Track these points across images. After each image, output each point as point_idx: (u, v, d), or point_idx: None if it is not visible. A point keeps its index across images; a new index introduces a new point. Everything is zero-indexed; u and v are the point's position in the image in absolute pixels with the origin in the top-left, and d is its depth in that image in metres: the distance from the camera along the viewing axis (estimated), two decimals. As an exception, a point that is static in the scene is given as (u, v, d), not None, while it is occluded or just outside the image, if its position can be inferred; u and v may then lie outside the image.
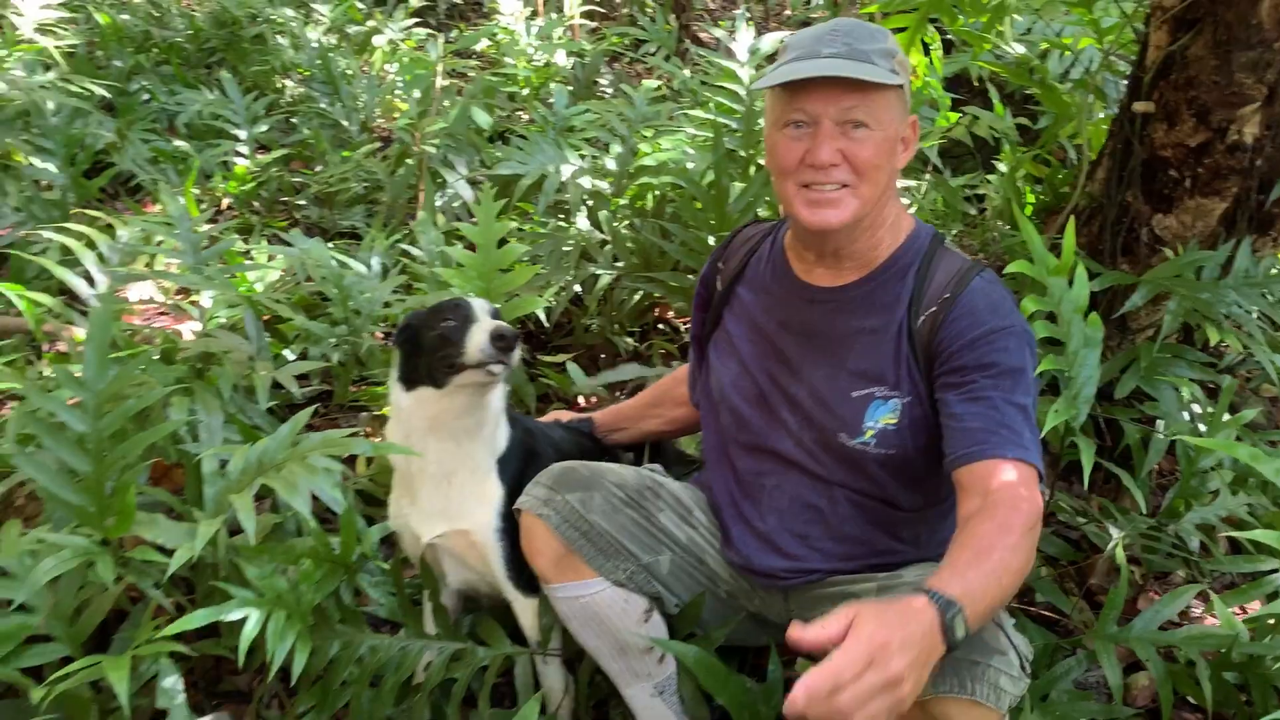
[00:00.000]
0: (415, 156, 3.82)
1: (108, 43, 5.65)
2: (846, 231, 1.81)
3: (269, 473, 1.87)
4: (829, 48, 1.71)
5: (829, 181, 1.75)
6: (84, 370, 2.01)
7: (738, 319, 2.05)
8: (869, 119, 1.72)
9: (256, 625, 1.82)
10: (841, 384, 1.85)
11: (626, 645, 1.99)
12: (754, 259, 2.08)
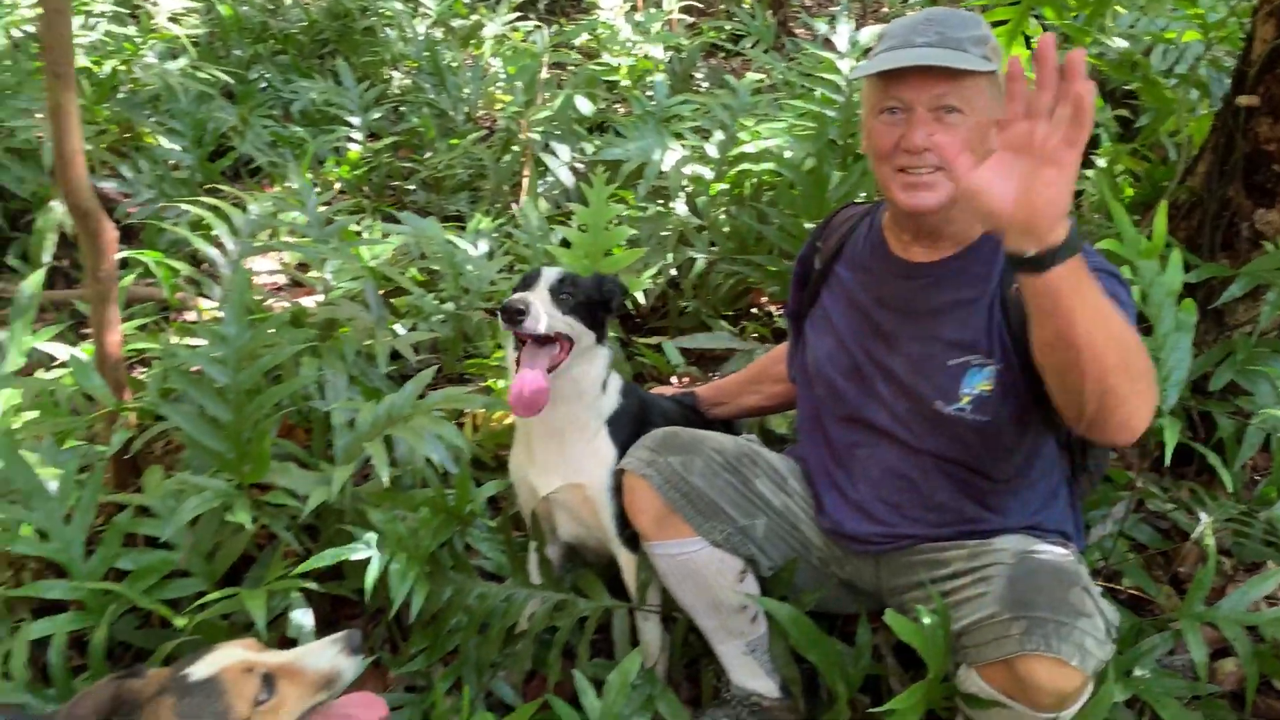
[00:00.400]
0: (520, 144, 3.96)
1: (228, 33, 5.94)
2: (942, 212, 1.88)
3: (397, 425, 2.01)
4: (922, 36, 1.79)
5: (923, 165, 1.83)
6: (225, 327, 2.18)
7: (835, 296, 2.14)
8: (961, 104, 1.79)
9: (380, 566, 1.97)
10: (937, 354, 1.92)
11: (721, 603, 2.09)
12: (852, 238, 2.16)
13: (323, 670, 1.51)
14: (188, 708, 1.42)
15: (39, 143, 3.74)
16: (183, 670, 1.46)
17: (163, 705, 1.42)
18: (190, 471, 2.24)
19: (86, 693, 1.42)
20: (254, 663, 1.47)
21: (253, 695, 1.44)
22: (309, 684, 1.50)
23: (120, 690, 1.43)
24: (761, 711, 2.14)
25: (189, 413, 2.19)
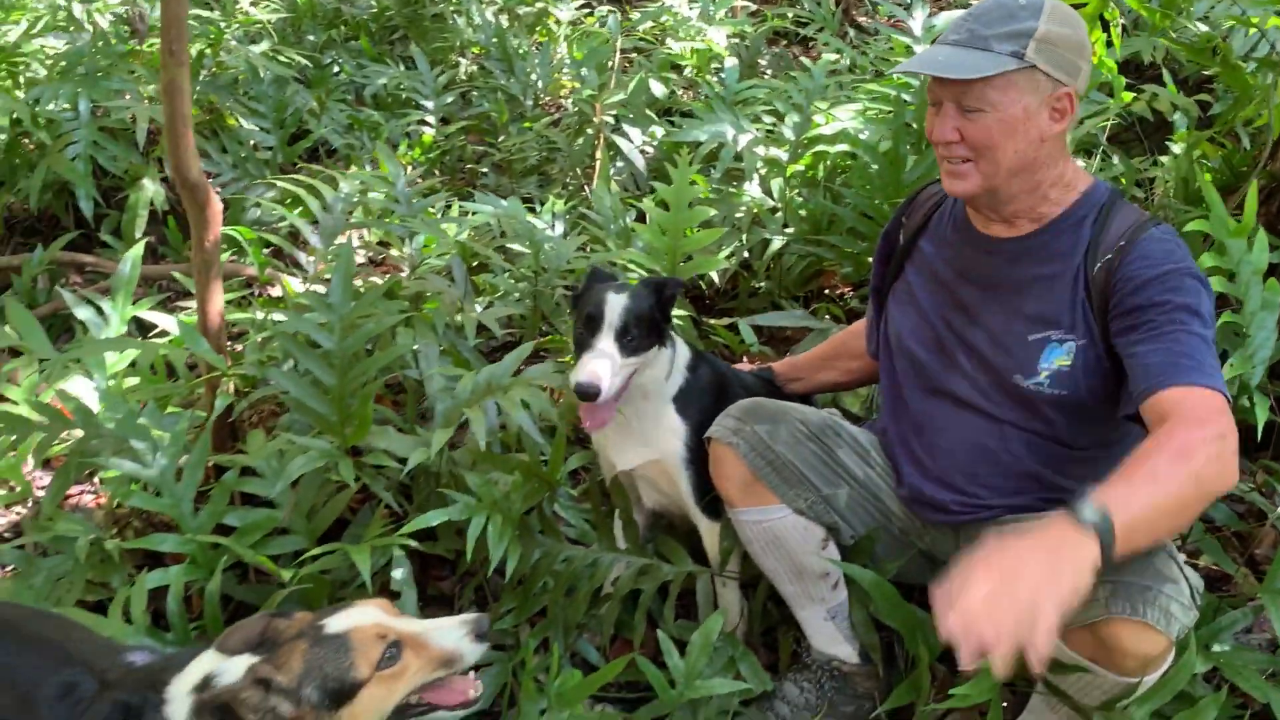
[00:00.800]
0: (594, 127, 4.03)
1: (302, 19, 6.06)
2: (984, 197, 1.94)
3: (496, 393, 2.10)
4: (954, 34, 1.86)
5: (953, 156, 1.90)
6: (330, 296, 2.28)
7: (918, 270, 2.19)
8: (983, 104, 1.83)
9: (479, 526, 2.05)
10: (1017, 328, 1.96)
11: (804, 569, 2.15)
12: (937, 214, 2.20)
13: (447, 649, 1.57)
14: (315, 656, 1.50)
15: (131, 123, 3.87)
16: (321, 620, 1.54)
17: (296, 648, 1.51)
18: (290, 435, 2.33)
19: (240, 625, 1.52)
20: (386, 629, 1.54)
21: (377, 658, 1.51)
22: (431, 659, 1.57)
23: (268, 627, 1.53)
24: (841, 676, 2.20)
25: (295, 377, 2.28)
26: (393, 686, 1.54)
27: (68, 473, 2.31)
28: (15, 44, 4.46)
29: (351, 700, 1.50)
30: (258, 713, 1.47)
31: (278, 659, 1.51)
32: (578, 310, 2.20)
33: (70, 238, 3.82)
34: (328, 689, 1.49)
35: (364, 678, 1.51)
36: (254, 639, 1.53)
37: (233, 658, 1.52)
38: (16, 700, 1.60)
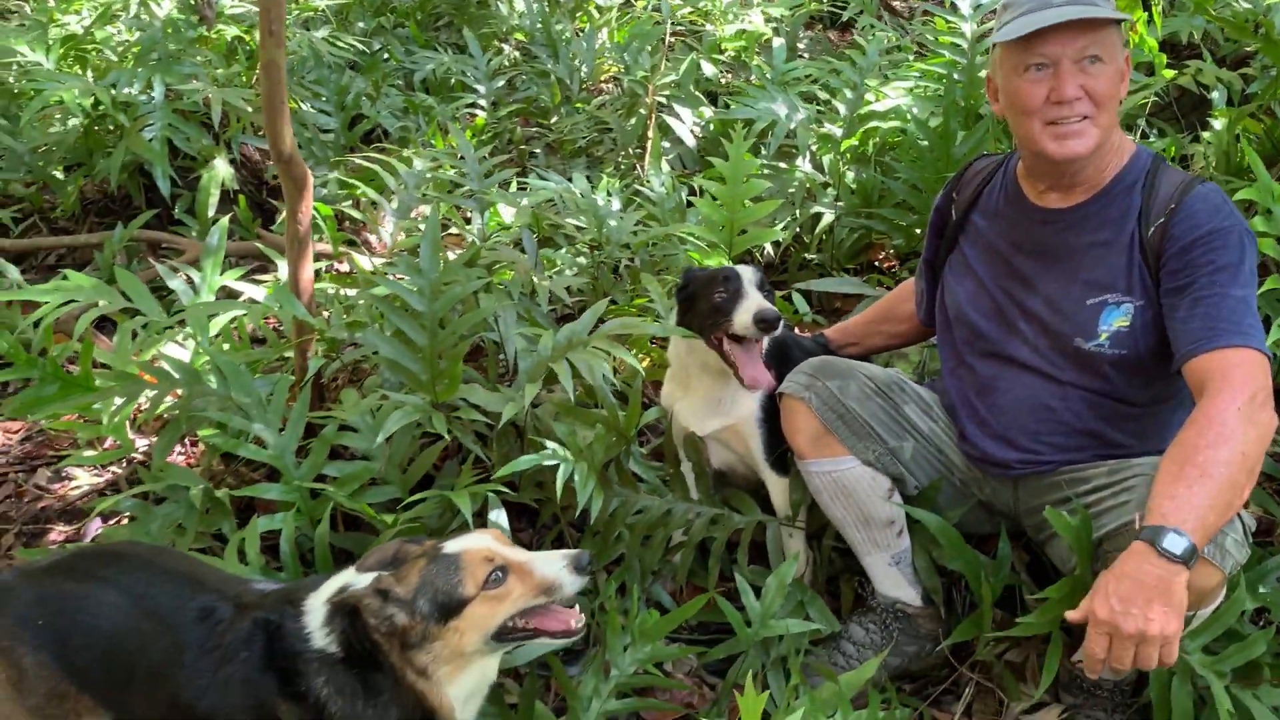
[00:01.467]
0: (646, 107, 4.16)
1: (351, 6, 6.21)
2: (1090, 158, 2.03)
3: (577, 349, 2.24)
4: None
5: (1073, 115, 1.98)
6: (421, 261, 2.42)
7: (973, 243, 2.30)
8: (1102, 53, 1.94)
9: (566, 472, 2.19)
10: (1075, 294, 2.08)
11: (871, 517, 2.28)
12: (987, 188, 2.32)
13: (548, 577, 1.69)
14: (430, 572, 1.66)
15: (204, 105, 4.03)
16: (442, 542, 1.69)
17: (417, 565, 1.66)
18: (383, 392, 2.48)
19: (376, 548, 1.69)
20: (494, 554, 1.68)
21: (483, 579, 1.65)
22: (533, 585, 1.68)
23: (400, 549, 1.69)
24: (905, 618, 2.33)
25: (386, 339, 2.43)
26: (496, 607, 1.66)
27: (177, 427, 2.47)
28: (86, 31, 4.64)
29: (458, 615, 1.64)
30: (377, 618, 1.63)
31: (399, 574, 1.66)
32: (699, 293, 2.32)
33: (147, 217, 3.99)
34: (437, 602, 1.63)
35: (470, 595, 1.64)
36: (387, 559, 1.68)
37: (366, 574, 1.67)
38: (158, 626, 1.75)
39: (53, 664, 1.80)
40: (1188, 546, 1.63)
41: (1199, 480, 1.69)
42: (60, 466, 2.98)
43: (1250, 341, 1.85)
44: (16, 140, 4.23)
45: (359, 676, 1.68)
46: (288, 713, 1.66)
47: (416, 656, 1.66)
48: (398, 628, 1.64)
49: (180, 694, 1.69)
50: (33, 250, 3.99)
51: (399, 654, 1.66)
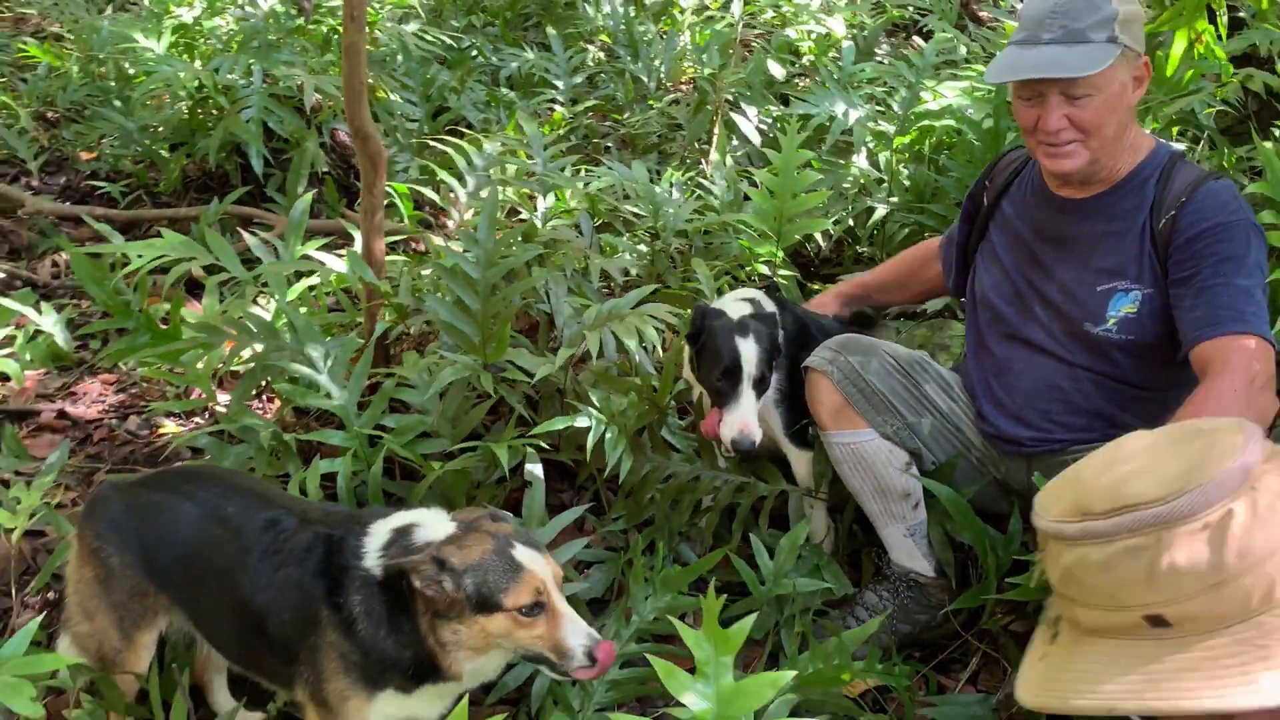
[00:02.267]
0: (713, 104, 4.31)
1: (444, 4, 6.49)
2: (1085, 171, 2.15)
3: (614, 320, 2.40)
4: (1048, 32, 2.04)
5: (1060, 141, 2.11)
6: (478, 232, 2.62)
7: (1001, 230, 2.42)
8: (1090, 89, 2.05)
9: (598, 432, 2.36)
10: (1088, 280, 2.18)
11: (888, 488, 2.40)
12: (1018, 179, 2.43)
13: (566, 644, 1.73)
14: (490, 564, 1.73)
15: (298, 91, 4.31)
16: (515, 542, 1.76)
17: (482, 542, 1.75)
18: (440, 352, 2.68)
19: (470, 509, 1.86)
20: (545, 591, 1.74)
21: (522, 604, 1.71)
22: (552, 639, 1.74)
23: (478, 518, 1.82)
24: (917, 587, 2.44)
25: (445, 304, 2.63)
26: (514, 630, 1.74)
27: (253, 377, 2.71)
28: (195, 21, 4.97)
29: (487, 615, 1.73)
30: (424, 580, 1.73)
31: (464, 542, 1.76)
32: (705, 355, 2.43)
33: (240, 193, 4.28)
34: (480, 593, 1.71)
35: (505, 607, 1.71)
36: (466, 521, 1.81)
37: (437, 519, 1.83)
38: (230, 533, 1.97)
39: (136, 565, 2.03)
40: None
41: None
42: (149, 413, 3.26)
43: (1251, 328, 1.94)
44: (128, 120, 4.57)
45: (388, 609, 1.80)
46: (326, 619, 1.85)
47: (443, 628, 1.76)
48: (439, 597, 1.72)
49: (241, 590, 1.90)
50: (137, 221, 4.30)
51: (429, 618, 1.76)
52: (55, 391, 3.47)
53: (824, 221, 3.23)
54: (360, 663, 1.84)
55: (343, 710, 1.86)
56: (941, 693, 2.35)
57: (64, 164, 4.97)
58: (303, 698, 1.91)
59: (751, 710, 1.27)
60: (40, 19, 6.58)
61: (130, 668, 2.08)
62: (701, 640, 1.33)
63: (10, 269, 4.05)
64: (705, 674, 1.30)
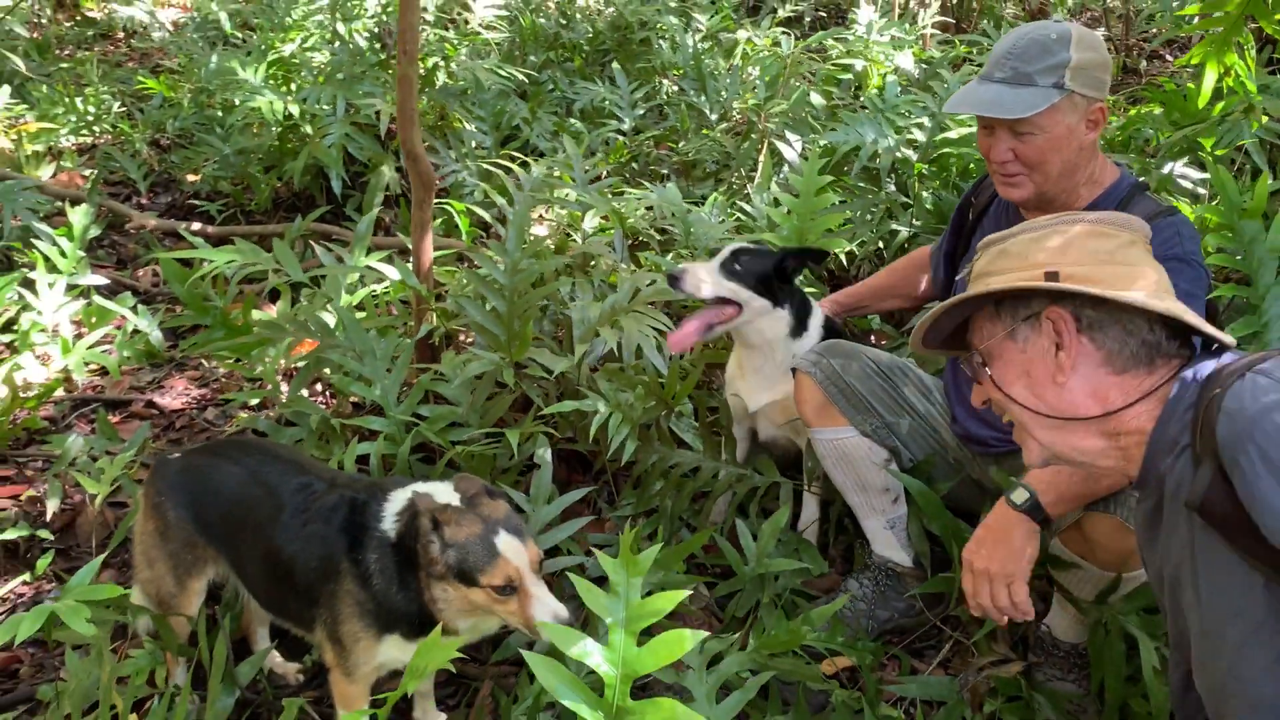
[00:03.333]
0: (759, 132, 4.56)
1: (526, 41, 6.89)
2: (1034, 201, 2.34)
3: (618, 315, 2.66)
4: (1000, 72, 2.25)
5: (1008, 172, 2.32)
6: (507, 241, 2.91)
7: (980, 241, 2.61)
8: (1032, 129, 2.24)
9: (603, 417, 2.62)
10: None
11: (867, 483, 2.59)
12: (999, 198, 2.61)
13: (535, 618, 1.94)
14: (472, 542, 1.96)
15: (376, 119, 4.71)
16: (500, 527, 1.99)
17: (470, 527, 1.98)
18: (474, 350, 2.97)
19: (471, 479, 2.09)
20: (518, 575, 1.96)
21: (497, 583, 1.94)
22: (522, 615, 1.96)
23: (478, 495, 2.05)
24: (895, 576, 2.62)
25: (478, 306, 2.93)
26: (491, 604, 1.97)
27: (309, 369, 3.03)
28: (291, 55, 5.44)
29: (465, 587, 1.97)
30: (422, 539, 2.00)
31: (459, 519, 2.00)
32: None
33: (321, 212, 4.68)
34: (458, 565, 1.96)
35: (480, 583, 1.95)
36: (467, 495, 2.05)
37: (447, 490, 2.09)
38: (266, 493, 2.28)
39: (188, 519, 2.35)
40: (1028, 499, 1.97)
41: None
42: (225, 405, 3.63)
43: None
44: (225, 144, 5.04)
45: (399, 566, 2.07)
46: (346, 570, 2.13)
47: (435, 586, 2.02)
48: (429, 555, 1.99)
49: (274, 541, 2.20)
50: (229, 236, 4.74)
51: (426, 574, 2.02)
52: (147, 385, 3.88)
53: (842, 241, 3.44)
54: (373, 610, 2.11)
55: (354, 650, 2.14)
56: (914, 675, 2.52)
57: (170, 184, 5.48)
58: (321, 637, 2.20)
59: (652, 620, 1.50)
60: (159, 54, 7.20)
61: (183, 611, 2.40)
62: (615, 565, 1.57)
63: (116, 276, 4.51)
64: (617, 592, 1.54)
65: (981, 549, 2.02)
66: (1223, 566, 1.36)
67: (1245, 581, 1.34)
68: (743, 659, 2.14)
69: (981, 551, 2.01)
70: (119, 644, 2.61)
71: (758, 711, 2.25)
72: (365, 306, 3.56)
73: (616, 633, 1.51)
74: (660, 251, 3.86)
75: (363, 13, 5.74)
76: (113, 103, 6.00)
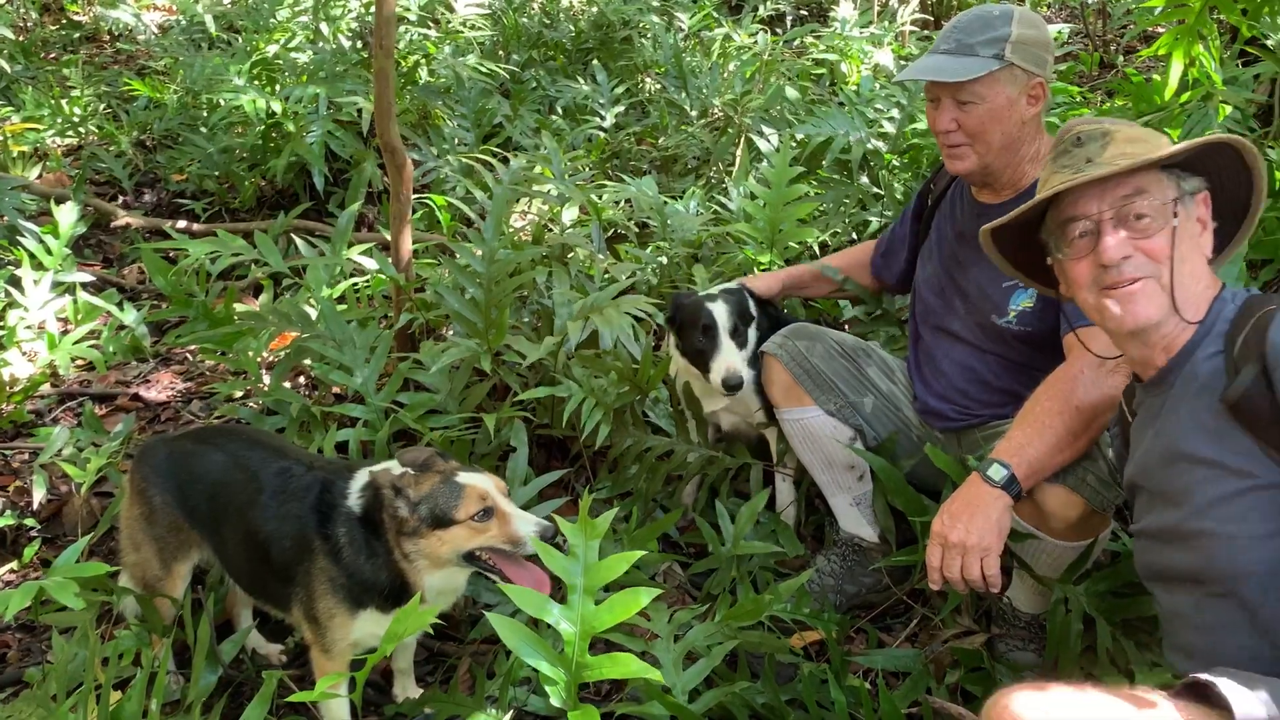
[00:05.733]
0: (737, 127, 4.63)
1: (509, 40, 6.95)
2: (979, 173, 2.42)
3: (595, 310, 2.73)
4: (944, 44, 2.36)
5: (953, 142, 2.41)
6: (484, 231, 2.98)
7: (937, 229, 2.70)
8: (974, 98, 2.33)
9: (576, 401, 2.68)
10: (994, 277, 2.43)
11: (833, 460, 2.66)
12: (954, 185, 2.70)
13: (518, 533, 2.04)
14: (439, 489, 2.07)
15: (358, 116, 4.77)
16: (456, 470, 2.11)
17: (432, 479, 2.09)
18: (452, 338, 3.03)
19: (418, 449, 2.17)
20: (489, 497, 2.07)
21: (472, 512, 2.05)
22: (505, 534, 2.05)
23: (430, 458, 2.15)
24: (862, 551, 2.70)
25: (456, 295, 2.99)
26: (473, 536, 2.06)
27: (290, 358, 3.10)
28: (275, 56, 5.50)
29: (444, 529, 2.06)
30: (388, 508, 2.09)
31: (419, 479, 2.11)
32: (683, 327, 2.75)
33: (304, 208, 4.73)
34: (434, 513, 2.06)
35: (459, 519, 2.05)
36: (418, 461, 2.15)
37: (404, 467, 2.17)
38: (248, 476, 2.34)
39: (173, 503, 2.42)
40: (1006, 475, 2.01)
41: (1032, 425, 2.05)
42: (210, 397, 3.69)
43: None
44: (209, 143, 5.10)
45: (366, 538, 2.15)
46: (318, 546, 2.20)
47: (406, 543, 2.09)
48: (400, 518, 2.08)
49: (253, 521, 2.27)
50: (212, 233, 4.78)
51: (395, 536, 2.11)
52: (132, 379, 3.94)
53: (812, 231, 3.51)
54: (345, 585, 2.18)
55: (330, 626, 2.21)
56: (882, 648, 2.60)
57: (155, 184, 5.53)
58: (298, 616, 2.27)
59: (607, 580, 1.57)
60: (145, 56, 7.24)
61: (169, 593, 2.46)
62: (574, 529, 1.64)
63: (102, 274, 4.57)
64: (576, 554, 1.61)
65: (957, 523, 2.03)
66: (1250, 455, 1.55)
67: (1267, 470, 1.54)
68: (710, 629, 2.21)
69: (957, 525, 2.03)
70: (104, 627, 2.67)
71: (727, 683, 2.32)
72: (346, 299, 3.62)
73: (575, 592, 1.58)
74: (639, 244, 3.93)
75: (345, 12, 5.80)
76: (98, 104, 6.05)
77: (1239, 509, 1.56)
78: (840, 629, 2.52)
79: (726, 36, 6.72)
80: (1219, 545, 1.58)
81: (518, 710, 2.35)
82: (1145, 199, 1.64)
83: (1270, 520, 1.53)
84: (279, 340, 3.40)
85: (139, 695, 1.96)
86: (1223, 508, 1.57)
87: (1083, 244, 1.69)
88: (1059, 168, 1.73)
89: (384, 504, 2.10)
